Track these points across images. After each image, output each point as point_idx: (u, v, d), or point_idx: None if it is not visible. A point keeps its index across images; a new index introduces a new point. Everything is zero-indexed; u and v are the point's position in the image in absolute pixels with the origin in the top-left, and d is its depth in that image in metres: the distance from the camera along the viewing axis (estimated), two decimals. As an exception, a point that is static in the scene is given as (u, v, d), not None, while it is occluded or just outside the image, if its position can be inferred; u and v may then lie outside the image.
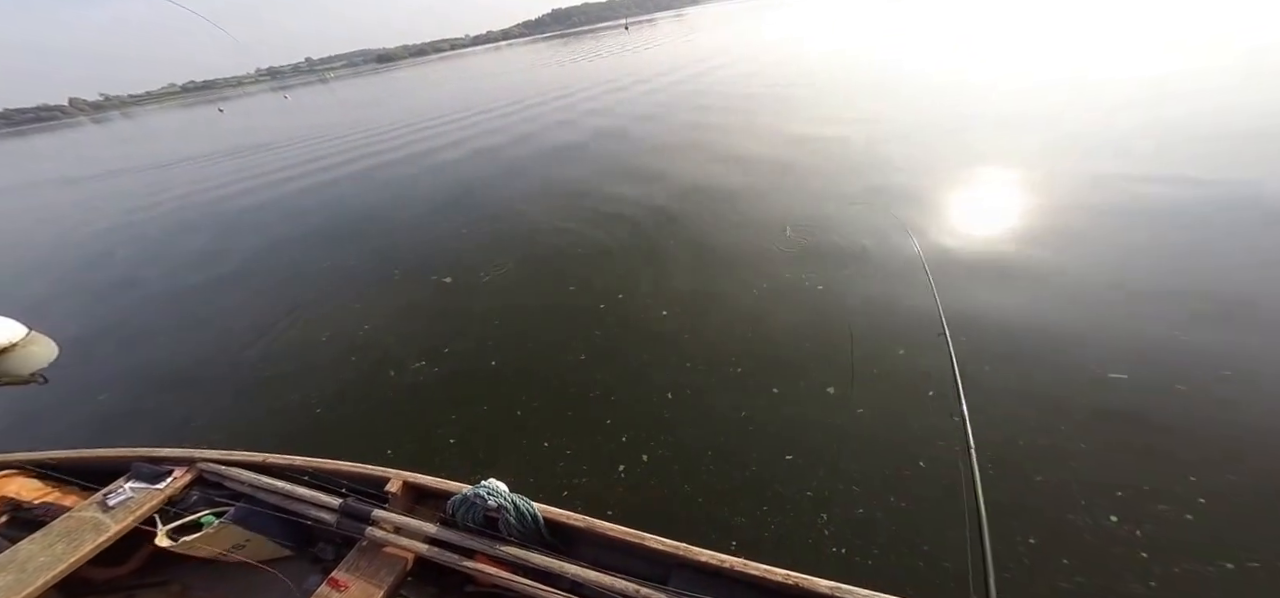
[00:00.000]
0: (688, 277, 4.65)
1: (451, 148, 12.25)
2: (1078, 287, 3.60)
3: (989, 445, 2.47)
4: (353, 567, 1.70)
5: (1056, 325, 3.26)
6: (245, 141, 16.07)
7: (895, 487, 2.43)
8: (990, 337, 3.24)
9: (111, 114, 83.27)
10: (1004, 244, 4.29)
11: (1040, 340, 3.16)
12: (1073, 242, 4.14)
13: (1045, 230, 4.37)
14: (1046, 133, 6.52)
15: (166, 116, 53.55)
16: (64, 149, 28.79)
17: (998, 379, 2.92)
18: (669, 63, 21.84)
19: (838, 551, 2.23)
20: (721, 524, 2.41)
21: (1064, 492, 2.29)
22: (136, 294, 6.43)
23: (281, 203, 9.62)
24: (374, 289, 5.47)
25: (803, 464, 2.64)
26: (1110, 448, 2.45)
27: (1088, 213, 4.52)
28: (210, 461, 2.15)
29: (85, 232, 9.30)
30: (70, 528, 1.89)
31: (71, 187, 13.16)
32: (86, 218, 10.21)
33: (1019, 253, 4.12)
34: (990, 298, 3.60)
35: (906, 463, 2.53)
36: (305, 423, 3.61)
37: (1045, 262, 3.93)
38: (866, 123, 8.27)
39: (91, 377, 4.71)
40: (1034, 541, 2.12)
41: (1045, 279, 3.72)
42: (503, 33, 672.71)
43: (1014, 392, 2.83)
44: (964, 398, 1.70)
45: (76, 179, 13.95)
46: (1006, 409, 2.73)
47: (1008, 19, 17.10)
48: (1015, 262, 4.00)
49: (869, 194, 5.63)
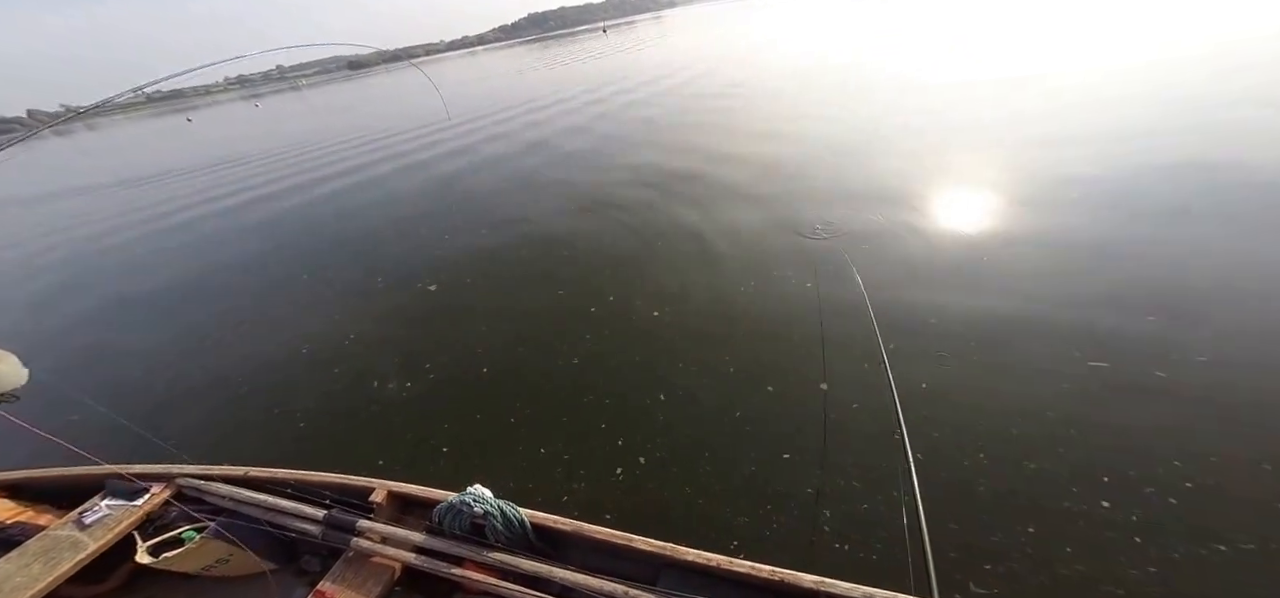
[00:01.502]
0: (677, 276, 4.68)
1: (427, 153, 12.22)
2: (1011, 279, 3.75)
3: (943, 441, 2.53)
4: (339, 578, 1.71)
5: (995, 316, 3.37)
6: (217, 154, 15.82)
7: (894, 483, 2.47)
8: (923, 330, 3.40)
9: (75, 127, 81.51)
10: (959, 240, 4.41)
11: (966, 332, 3.29)
12: (1011, 238, 4.30)
13: (977, 229, 4.52)
14: (983, 134, 6.72)
15: (134, 127, 52.42)
16: (26, 165, 28.12)
17: (925, 361, 3.06)
18: (650, 68, 22.05)
19: (841, 546, 2.26)
20: (723, 525, 2.42)
21: (999, 489, 2.36)
22: (108, 314, 6.28)
23: (254, 215, 9.49)
24: (356, 299, 5.42)
25: (800, 462, 2.67)
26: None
27: (1031, 206, 4.71)
28: (189, 476, 2.12)
29: (52, 254, 9.07)
30: (46, 547, 1.85)
31: (32, 206, 12.86)
32: (52, 239, 9.96)
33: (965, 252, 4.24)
34: (922, 295, 3.76)
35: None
36: (288, 437, 3.56)
37: (975, 259, 4.09)
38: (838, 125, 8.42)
39: (62, 397, 4.59)
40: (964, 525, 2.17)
41: (975, 282, 3.85)
42: (479, 38, 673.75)
43: (933, 375, 2.91)
44: (894, 387, 1.92)
45: (38, 198, 13.59)
46: (943, 410, 2.80)
47: (1008, 19, 17.53)
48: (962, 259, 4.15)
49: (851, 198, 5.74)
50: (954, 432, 2.65)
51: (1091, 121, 6.49)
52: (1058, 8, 16.78)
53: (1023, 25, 14.90)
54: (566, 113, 14.17)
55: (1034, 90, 8.33)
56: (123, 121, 74.66)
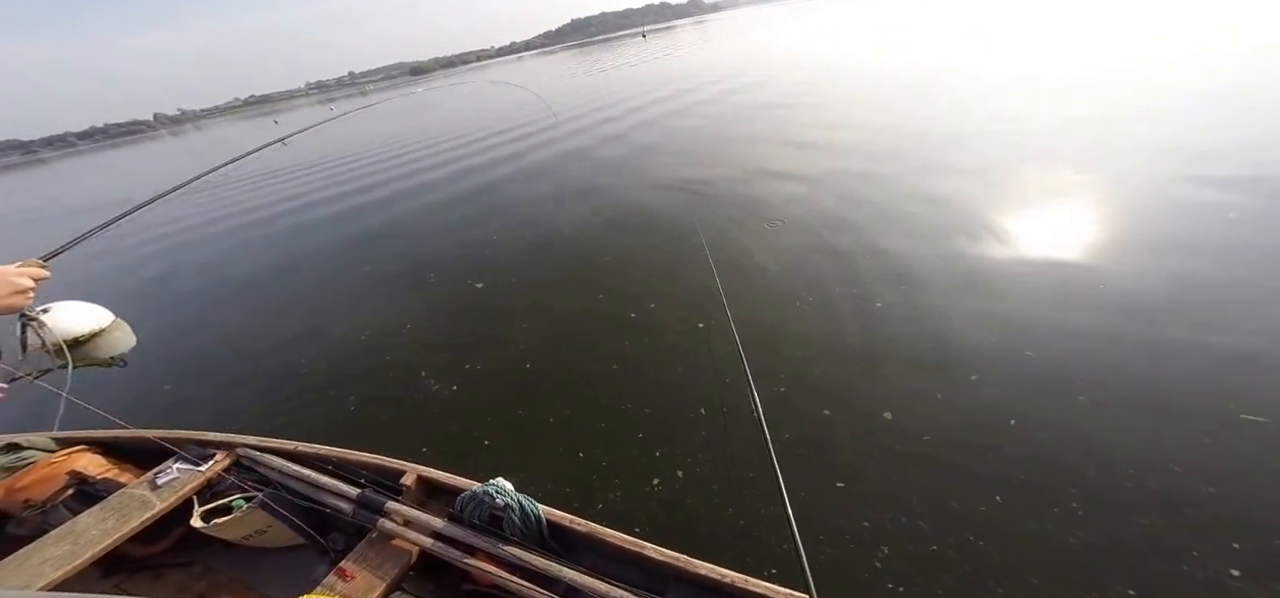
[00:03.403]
0: (718, 287, 4.56)
1: (478, 156, 12.78)
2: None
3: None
4: (361, 558, 1.78)
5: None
6: (304, 159, 17.38)
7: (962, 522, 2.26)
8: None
9: (185, 127, 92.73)
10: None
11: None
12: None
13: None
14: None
15: (231, 128, 58.61)
16: (144, 161, 32.06)
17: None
18: (685, 73, 21.92)
19: (894, 587, 2.08)
20: (766, 552, 2.32)
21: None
22: (200, 296, 7.01)
23: (323, 212, 10.32)
24: (410, 292, 5.73)
25: (856, 493, 2.51)
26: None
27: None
28: (247, 446, 2.28)
29: (162, 242, 10.26)
30: (121, 504, 2.04)
31: (153, 205, 14.67)
32: (162, 229, 11.30)
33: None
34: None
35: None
36: (339, 417, 3.79)
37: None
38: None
39: (160, 365, 5.19)
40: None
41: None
42: (526, 43, 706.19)
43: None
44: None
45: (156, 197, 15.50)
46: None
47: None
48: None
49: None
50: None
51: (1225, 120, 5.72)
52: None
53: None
54: (605, 121, 14.37)
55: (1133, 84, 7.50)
56: (221, 123, 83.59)
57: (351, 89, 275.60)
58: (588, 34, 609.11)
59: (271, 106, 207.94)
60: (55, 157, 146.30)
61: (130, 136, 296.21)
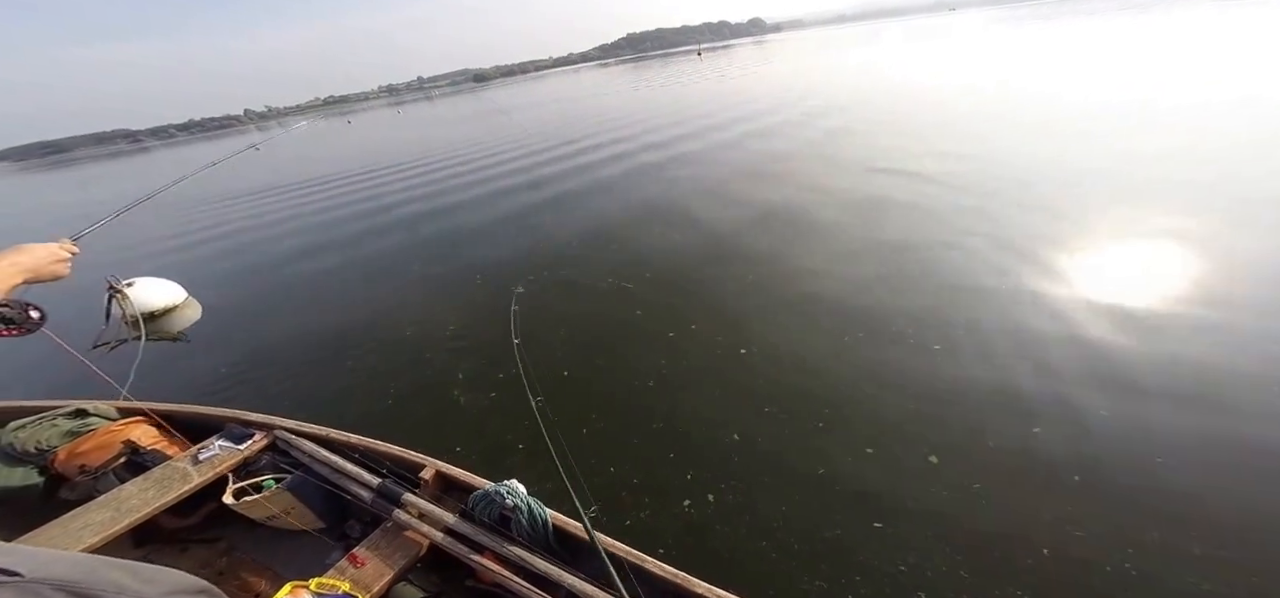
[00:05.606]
0: (765, 314, 4.43)
1: (528, 160, 13.18)
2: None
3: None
4: (373, 546, 1.85)
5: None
6: (367, 163, 18.39)
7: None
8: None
9: (271, 123, 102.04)
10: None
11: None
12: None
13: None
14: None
15: (309, 126, 63.34)
16: (206, 153, 34.99)
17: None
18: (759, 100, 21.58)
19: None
20: (795, 587, 2.23)
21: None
22: (263, 285, 7.58)
23: (377, 210, 10.98)
24: (457, 293, 5.95)
25: (894, 535, 2.36)
26: None
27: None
28: (284, 429, 2.39)
29: (240, 237, 11.09)
30: (164, 476, 2.18)
31: (233, 200, 16.12)
32: (239, 223, 12.34)
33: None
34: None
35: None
36: (377, 408, 3.94)
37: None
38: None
39: (219, 344, 5.61)
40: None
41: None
42: (582, 55, 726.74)
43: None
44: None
45: (231, 195, 16.94)
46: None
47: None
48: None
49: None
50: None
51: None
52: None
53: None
54: (648, 143, 14.39)
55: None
56: (300, 120, 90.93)
57: (418, 93, 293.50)
58: (642, 49, 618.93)
59: (347, 107, 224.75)
60: (158, 146, 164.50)
61: (222, 130, 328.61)
